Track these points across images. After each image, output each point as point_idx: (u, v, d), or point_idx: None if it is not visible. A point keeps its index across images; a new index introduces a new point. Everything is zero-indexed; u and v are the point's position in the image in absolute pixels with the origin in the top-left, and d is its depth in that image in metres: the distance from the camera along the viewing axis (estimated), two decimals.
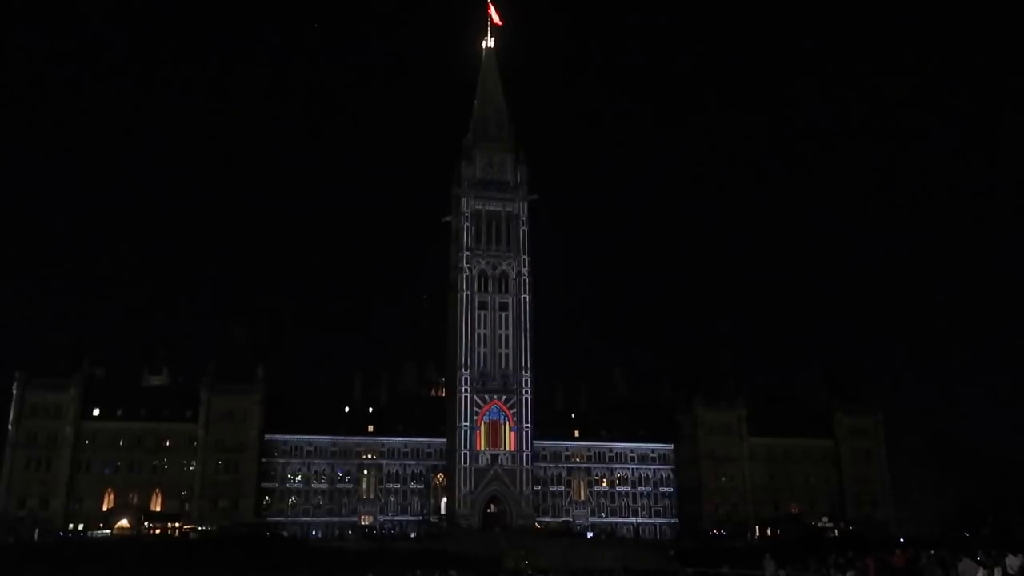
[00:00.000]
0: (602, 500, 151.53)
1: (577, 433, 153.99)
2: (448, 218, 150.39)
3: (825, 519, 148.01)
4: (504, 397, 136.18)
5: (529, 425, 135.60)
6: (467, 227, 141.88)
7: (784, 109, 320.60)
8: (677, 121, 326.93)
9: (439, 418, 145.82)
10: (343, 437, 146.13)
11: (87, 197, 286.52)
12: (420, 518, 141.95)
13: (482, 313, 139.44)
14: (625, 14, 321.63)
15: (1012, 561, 35.89)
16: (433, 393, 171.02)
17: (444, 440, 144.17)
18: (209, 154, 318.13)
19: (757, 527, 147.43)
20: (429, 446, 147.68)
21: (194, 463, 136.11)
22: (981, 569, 35.26)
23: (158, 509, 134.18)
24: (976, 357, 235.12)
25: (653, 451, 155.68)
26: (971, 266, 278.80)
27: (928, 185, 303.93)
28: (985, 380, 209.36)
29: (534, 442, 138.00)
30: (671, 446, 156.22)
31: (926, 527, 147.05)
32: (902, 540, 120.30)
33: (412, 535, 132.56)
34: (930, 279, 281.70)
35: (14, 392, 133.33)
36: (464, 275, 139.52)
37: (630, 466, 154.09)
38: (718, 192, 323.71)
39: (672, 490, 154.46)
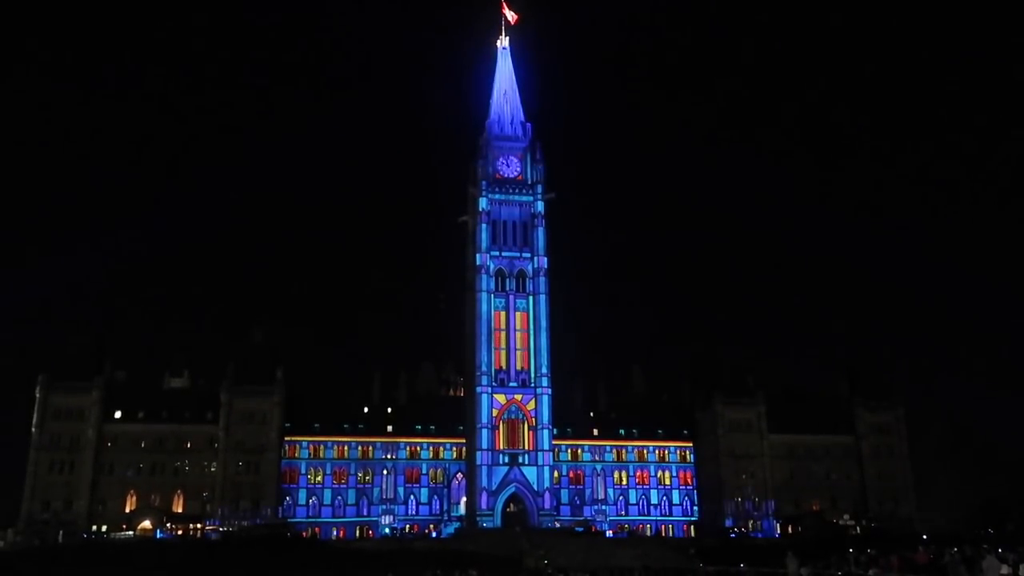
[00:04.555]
0: (621, 499, 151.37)
1: (596, 431, 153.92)
2: (465, 218, 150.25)
3: (847, 516, 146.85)
4: (523, 396, 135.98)
5: (548, 424, 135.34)
6: (484, 226, 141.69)
7: (803, 105, 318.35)
8: (695, 118, 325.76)
9: (458, 418, 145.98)
10: (362, 438, 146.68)
11: (101, 199, 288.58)
12: (440, 518, 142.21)
13: (500, 312, 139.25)
14: (641, 11, 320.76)
15: None
16: (452, 393, 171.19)
17: (463, 440, 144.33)
18: (223, 156, 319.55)
19: (778, 524, 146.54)
20: (448, 446, 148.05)
21: (215, 464, 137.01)
22: (1005, 566, 34.90)
23: (180, 510, 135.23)
24: (1000, 352, 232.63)
25: (673, 449, 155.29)
26: (994, 260, 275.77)
27: (949, 178, 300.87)
28: (1009, 375, 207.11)
29: (553, 441, 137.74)
30: (691, 444, 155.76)
31: (949, 524, 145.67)
32: (925, 537, 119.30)
33: (432, 535, 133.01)
34: (952, 274, 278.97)
35: (37, 395, 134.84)
36: (481, 274, 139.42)
37: (649, 464, 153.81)
38: (736, 188, 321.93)
39: (692, 488, 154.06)
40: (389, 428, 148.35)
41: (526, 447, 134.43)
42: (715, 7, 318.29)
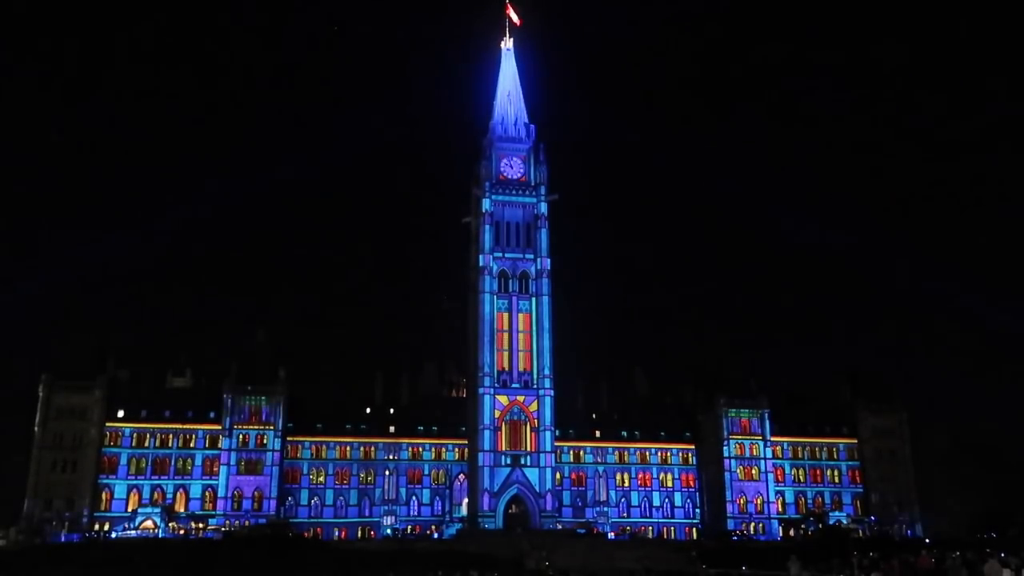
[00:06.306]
0: (623, 500, 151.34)
1: (598, 433, 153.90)
2: (468, 219, 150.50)
3: (849, 519, 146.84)
4: (525, 397, 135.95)
5: (550, 425, 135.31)
6: (487, 227, 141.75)
7: (808, 109, 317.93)
8: (698, 120, 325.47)
9: (460, 419, 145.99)
10: (364, 438, 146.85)
11: (104, 198, 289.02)
12: (442, 519, 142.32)
13: (503, 313, 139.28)
14: (645, 13, 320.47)
15: None
16: (454, 393, 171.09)
17: (465, 441, 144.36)
18: (227, 156, 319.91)
19: (780, 527, 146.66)
20: (450, 447, 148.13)
21: (218, 464, 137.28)
22: (1007, 571, 34.85)
23: (182, 510, 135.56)
24: (1004, 356, 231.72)
25: (675, 451, 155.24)
26: (999, 263, 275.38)
27: (952, 179, 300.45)
28: (1012, 379, 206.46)
29: (555, 443, 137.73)
30: (693, 446, 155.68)
31: (952, 528, 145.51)
32: (927, 541, 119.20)
33: (434, 536, 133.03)
34: (956, 277, 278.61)
35: (40, 394, 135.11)
36: (484, 275, 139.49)
37: (652, 466, 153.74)
38: (740, 191, 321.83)
39: (694, 490, 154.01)
40: (391, 429, 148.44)
41: (528, 448, 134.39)
42: (721, 10, 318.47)
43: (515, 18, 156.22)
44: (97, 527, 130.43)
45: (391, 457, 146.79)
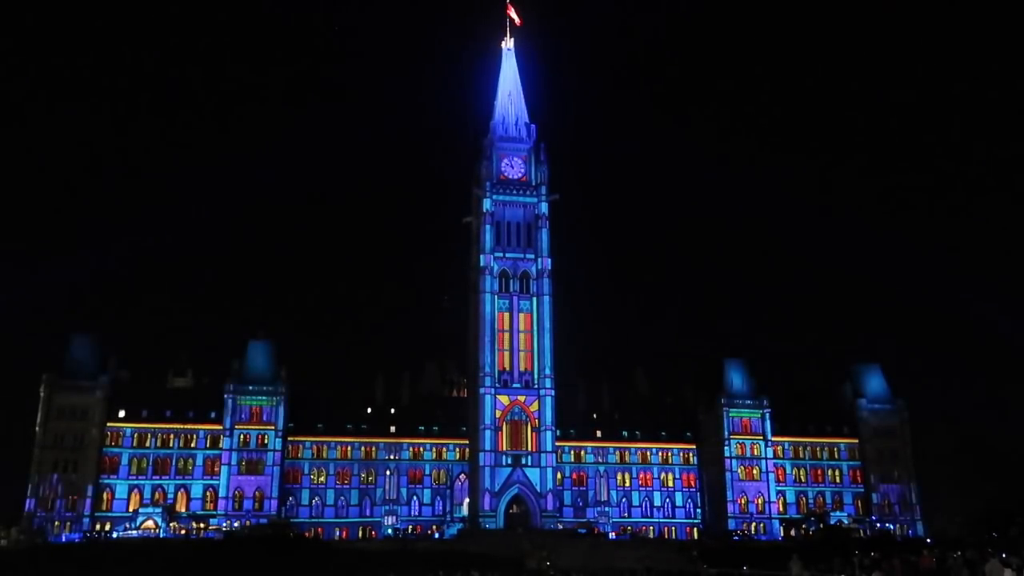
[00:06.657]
0: (624, 500, 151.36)
1: (599, 433, 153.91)
2: (469, 219, 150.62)
3: (850, 519, 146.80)
4: (526, 397, 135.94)
5: (551, 425, 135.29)
6: (488, 227, 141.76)
7: (810, 108, 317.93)
8: (699, 120, 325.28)
9: (461, 419, 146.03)
10: (365, 438, 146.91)
11: (105, 198, 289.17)
12: (443, 519, 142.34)
13: (503, 313, 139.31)
14: (646, 14, 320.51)
15: None
16: (455, 393, 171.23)
17: (466, 441, 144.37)
18: (227, 155, 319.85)
19: (781, 527, 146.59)
20: (451, 447, 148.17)
21: (219, 464, 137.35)
22: (1008, 570, 34.86)
23: (183, 510, 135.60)
24: (1006, 355, 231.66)
25: (676, 451, 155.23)
26: (1002, 261, 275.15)
27: (953, 177, 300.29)
28: (1014, 379, 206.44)
29: (556, 443, 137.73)
30: (694, 446, 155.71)
31: (953, 528, 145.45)
32: (929, 541, 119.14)
33: (435, 536, 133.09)
34: (959, 275, 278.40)
35: (41, 394, 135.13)
36: (485, 275, 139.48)
37: (653, 466, 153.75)
38: (741, 190, 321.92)
39: (695, 490, 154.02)
40: (392, 429, 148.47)
41: (529, 448, 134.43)
42: (720, 10, 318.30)
43: (516, 18, 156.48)
44: (98, 527, 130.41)
45: (392, 457, 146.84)
